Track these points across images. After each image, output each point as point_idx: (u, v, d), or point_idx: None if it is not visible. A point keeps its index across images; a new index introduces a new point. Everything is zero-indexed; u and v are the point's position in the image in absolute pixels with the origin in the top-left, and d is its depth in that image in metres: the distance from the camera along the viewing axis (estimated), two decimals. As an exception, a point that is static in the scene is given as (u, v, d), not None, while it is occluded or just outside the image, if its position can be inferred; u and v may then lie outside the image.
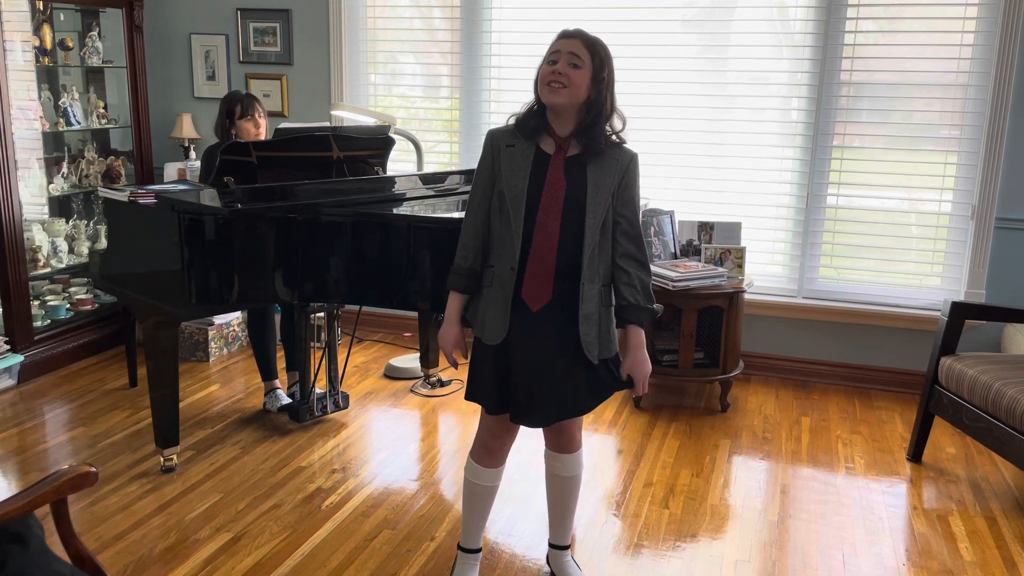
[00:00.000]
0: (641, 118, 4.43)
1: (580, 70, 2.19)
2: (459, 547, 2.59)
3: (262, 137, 3.75)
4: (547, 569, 2.69)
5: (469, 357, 2.39)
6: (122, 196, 3.20)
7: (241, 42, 4.95)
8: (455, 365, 2.39)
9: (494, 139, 2.30)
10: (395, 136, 3.81)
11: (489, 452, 2.44)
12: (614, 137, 2.28)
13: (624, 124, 2.29)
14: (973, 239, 4.07)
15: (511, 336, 2.26)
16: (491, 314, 2.27)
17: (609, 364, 2.33)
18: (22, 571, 1.65)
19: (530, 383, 2.27)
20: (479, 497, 2.50)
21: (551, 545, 2.63)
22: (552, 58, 2.22)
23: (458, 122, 4.79)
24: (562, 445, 2.47)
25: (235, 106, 3.69)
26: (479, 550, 2.60)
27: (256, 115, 3.71)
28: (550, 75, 2.19)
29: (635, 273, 2.29)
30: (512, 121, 2.31)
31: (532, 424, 2.34)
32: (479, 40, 4.64)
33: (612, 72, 2.24)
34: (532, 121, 2.26)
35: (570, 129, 2.25)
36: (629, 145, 2.32)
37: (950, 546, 2.89)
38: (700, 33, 4.40)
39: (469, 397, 2.38)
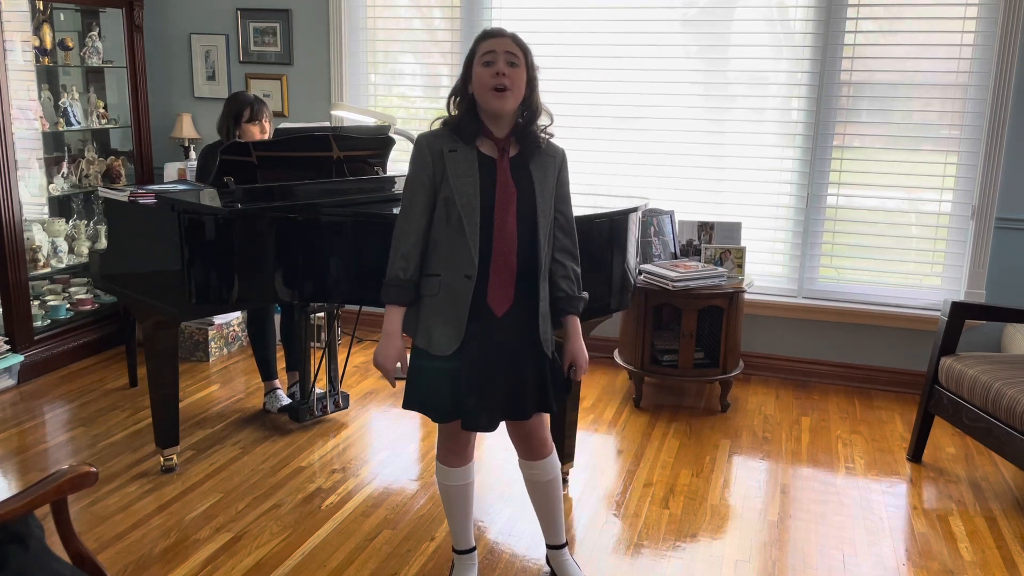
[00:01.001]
0: (641, 118, 4.44)
1: (518, 68, 2.19)
2: (453, 550, 2.60)
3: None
4: (547, 569, 2.69)
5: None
6: (122, 196, 3.19)
7: (241, 42, 4.95)
8: (393, 383, 2.36)
9: (431, 144, 2.24)
10: (395, 136, 3.81)
11: (452, 452, 2.44)
12: (544, 134, 2.30)
13: (552, 120, 2.31)
14: (973, 239, 4.07)
15: (467, 343, 2.23)
16: (438, 324, 2.24)
17: (555, 356, 2.38)
18: (22, 571, 1.65)
19: (485, 387, 2.26)
20: (457, 497, 2.50)
21: (548, 546, 2.63)
22: (487, 59, 2.18)
23: (458, 122, 4.78)
24: (534, 451, 2.46)
25: (243, 109, 3.66)
26: (473, 548, 2.60)
27: (263, 119, 3.70)
28: (493, 78, 2.16)
29: (570, 265, 2.36)
30: (438, 124, 2.28)
31: (486, 428, 2.31)
32: (479, 40, 4.63)
33: (537, 67, 2.26)
34: (470, 125, 2.23)
35: (507, 130, 2.26)
36: (626, 137, 2.34)
37: (950, 546, 2.89)
38: (700, 33, 4.40)
39: (409, 407, 2.36)
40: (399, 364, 2.30)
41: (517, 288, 2.26)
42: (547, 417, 2.47)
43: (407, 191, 2.27)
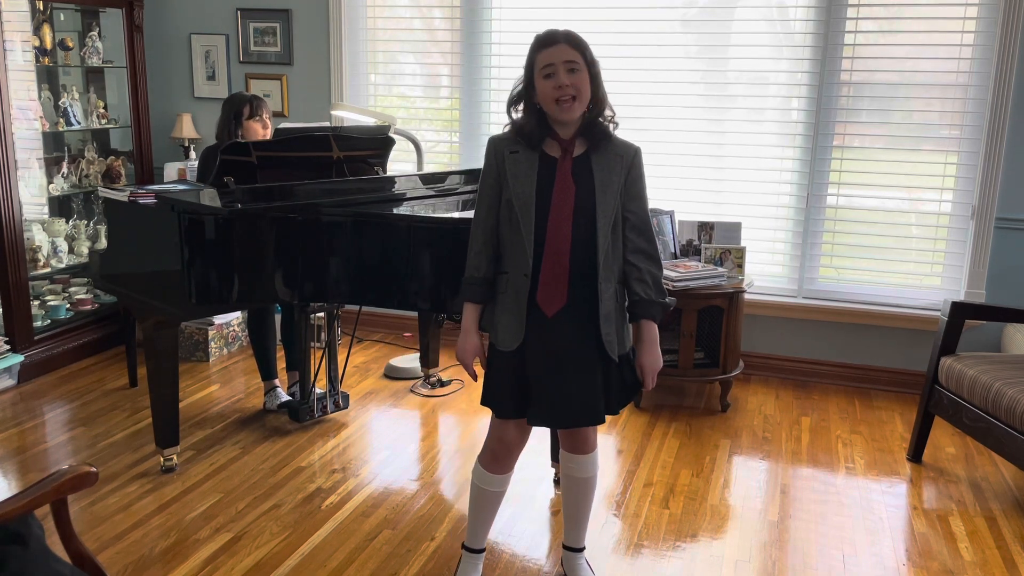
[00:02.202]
0: (641, 118, 4.43)
1: (579, 73, 2.19)
2: (464, 546, 2.59)
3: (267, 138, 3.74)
4: (547, 569, 2.69)
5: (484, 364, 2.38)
6: (122, 196, 3.19)
7: (241, 42, 4.95)
8: (475, 377, 2.37)
9: (496, 146, 2.28)
10: (395, 136, 3.81)
11: (497, 459, 2.43)
12: (610, 125, 2.28)
13: (613, 112, 2.30)
14: (973, 239, 4.07)
15: (527, 341, 2.25)
16: (505, 320, 2.27)
17: (627, 361, 2.35)
18: (22, 571, 1.65)
19: (548, 385, 2.26)
20: (486, 502, 2.50)
21: (565, 547, 2.62)
22: (547, 71, 2.18)
23: (458, 122, 4.79)
24: (577, 446, 2.46)
25: (243, 106, 3.66)
26: (483, 550, 2.60)
27: (264, 115, 3.70)
28: (557, 91, 2.17)
29: (646, 268, 2.30)
30: (508, 129, 2.29)
31: (548, 424, 2.35)
32: (479, 40, 4.64)
33: (596, 60, 2.25)
34: (533, 130, 2.24)
35: (574, 130, 2.25)
36: (626, 137, 2.32)
37: (950, 546, 2.89)
38: (700, 33, 4.40)
39: (484, 402, 2.38)
40: (477, 358, 2.33)
41: (571, 289, 2.24)
42: None
43: (478, 192, 2.33)
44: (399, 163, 4.50)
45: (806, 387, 4.34)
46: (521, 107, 2.27)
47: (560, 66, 2.17)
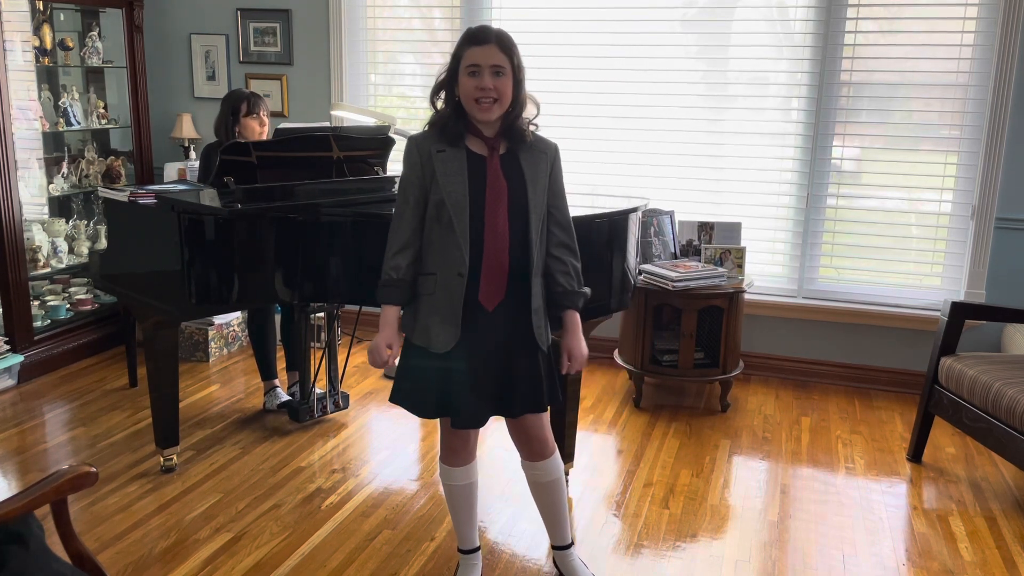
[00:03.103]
0: (641, 118, 4.44)
1: (503, 78, 2.20)
2: (458, 550, 2.60)
3: (265, 137, 3.75)
4: (547, 569, 2.69)
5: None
6: (122, 196, 3.19)
7: (241, 42, 4.95)
8: (392, 374, 2.33)
9: (420, 146, 2.26)
10: (395, 136, 3.81)
11: (455, 451, 2.44)
12: (531, 126, 2.30)
13: (539, 110, 2.31)
14: (973, 239, 4.07)
15: (462, 341, 2.25)
16: (435, 321, 2.26)
17: (551, 350, 2.39)
18: (22, 571, 1.65)
19: (478, 383, 2.28)
20: (460, 497, 2.50)
21: (554, 547, 2.62)
22: (472, 70, 2.18)
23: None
24: (536, 452, 2.46)
25: (240, 103, 3.67)
26: (478, 548, 2.61)
27: (261, 113, 3.71)
28: (478, 91, 2.17)
29: (569, 260, 2.36)
30: (426, 127, 2.29)
31: (475, 425, 2.34)
32: (479, 40, 4.63)
33: (522, 64, 2.25)
34: (455, 127, 2.24)
35: (496, 129, 2.26)
36: (626, 137, 2.34)
37: (950, 546, 2.89)
38: (700, 33, 4.40)
39: (397, 401, 2.37)
40: (391, 347, 2.27)
41: (509, 284, 2.27)
42: (546, 417, 2.46)
43: (399, 193, 2.31)
44: (399, 163, 4.49)
45: (806, 387, 4.34)
46: (443, 96, 2.28)
47: (486, 68, 2.18)
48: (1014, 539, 2.94)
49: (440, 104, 2.29)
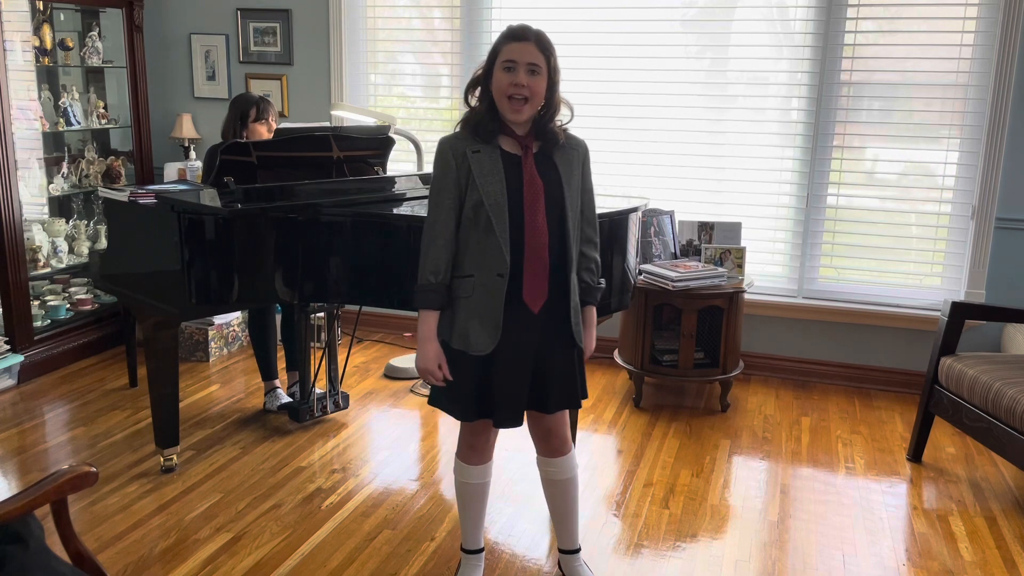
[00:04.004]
0: (641, 118, 4.44)
1: (538, 77, 2.19)
2: (462, 549, 2.59)
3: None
4: (548, 569, 2.69)
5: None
6: (122, 196, 3.20)
7: (241, 42, 4.95)
8: (445, 382, 2.30)
9: (453, 146, 2.24)
10: (395, 136, 3.81)
11: (474, 449, 2.44)
12: (563, 127, 2.30)
13: (572, 114, 2.32)
14: (973, 239, 4.07)
15: (503, 342, 2.24)
16: (474, 324, 2.24)
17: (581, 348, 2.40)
18: (22, 571, 1.65)
19: (519, 384, 2.28)
20: (472, 496, 2.50)
21: (561, 551, 2.61)
22: (508, 65, 2.18)
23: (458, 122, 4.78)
24: (554, 449, 2.45)
25: (250, 108, 3.66)
26: (482, 549, 2.60)
27: (270, 118, 3.71)
28: (512, 87, 2.16)
29: (592, 256, 2.39)
30: (459, 128, 2.28)
31: (517, 424, 2.33)
32: (479, 40, 4.64)
33: (559, 67, 2.25)
34: (488, 125, 2.23)
35: (527, 128, 2.26)
36: (627, 137, 2.35)
37: (950, 546, 2.89)
38: (700, 33, 4.40)
39: (436, 404, 2.38)
40: (440, 365, 2.28)
41: (551, 283, 2.26)
42: (567, 414, 2.46)
43: (433, 196, 2.26)
44: (399, 163, 4.50)
45: (806, 387, 4.34)
46: (478, 93, 2.27)
47: (522, 65, 2.17)
48: (1014, 539, 2.94)
49: (474, 101, 2.28)
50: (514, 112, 2.19)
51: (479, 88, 2.26)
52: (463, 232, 2.25)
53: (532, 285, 2.24)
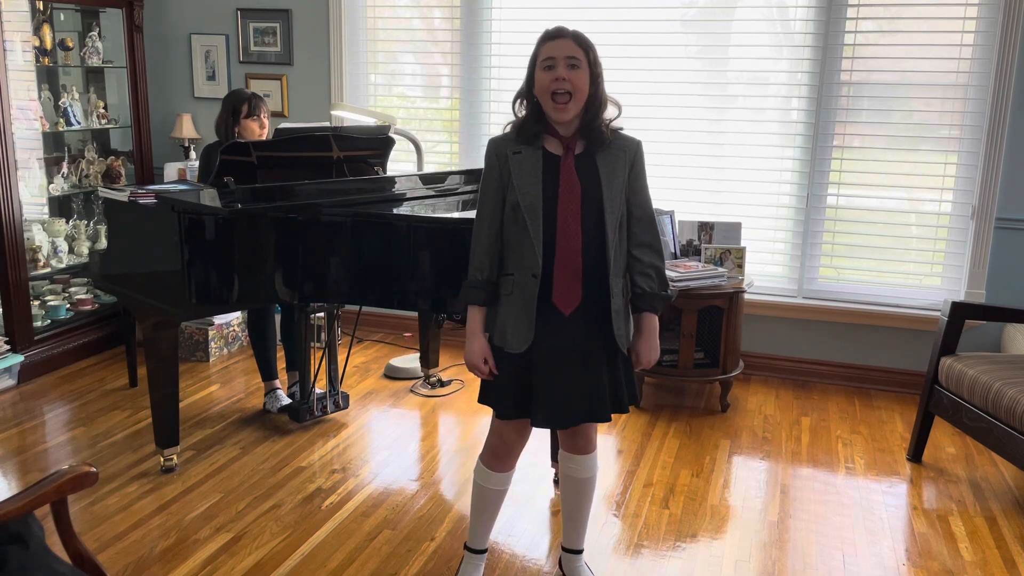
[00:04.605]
0: (641, 118, 4.43)
1: (579, 71, 2.19)
2: (466, 547, 2.59)
3: (264, 138, 3.75)
4: (548, 569, 2.69)
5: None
6: (122, 196, 3.20)
7: (241, 42, 4.95)
8: (491, 376, 2.31)
9: (498, 148, 2.26)
10: (395, 136, 3.81)
11: (498, 456, 2.43)
12: (612, 125, 2.29)
13: (620, 111, 2.30)
14: (973, 239, 4.07)
15: (537, 342, 2.24)
16: (512, 322, 2.25)
17: (628, 354, 2.36)
18: (22, 571, 1.65)
19: (560, 383, 2.26)
20: (488, 500, 2.50)
21: (564, 549, 2.61)
22: (547, 63, 2.18)
23: (458, 122, 4.79)
24: (579, 446, 2.46)
25: (241, 104, 3.66)
26: (485, 551, 2.60)
27: (262, 115, 3.70)
28: (553, 83, 2.16)
29: (649, 261, 2.32)
30: (508, 129, 2.29)
31: (555, 424, 2.34)
32: (479, 40, 4.64)
33: (600, 62, 2.24)
34: (533, 127, 2.24)
35: (574, 128, 2.25)
36: (630, 133, 2.32)
37: (950, 546, 2.89)
38: (700, 33, 4.40)
39: (483, 401, 2.37)
40: (486, 359, 2.28)
41: (585, 286, 2.24)
42: None
43: (480, 194, 2.31)
44: (399, 163, 4.50)
45: (806, 387, 4.34)
46: (524, 104, 2.28)
47: (561, 60, 2.18)
48: (1014, 539, 2.94)
49: (521, 111, 2.28)
50: (559, 111, 2.18)
51: (524, 99, 2.26)
52: (506, 232, 2.27)
53: (562, 287, 2.23)
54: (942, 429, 3.72)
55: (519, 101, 2.28)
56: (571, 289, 2.23)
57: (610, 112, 2.28)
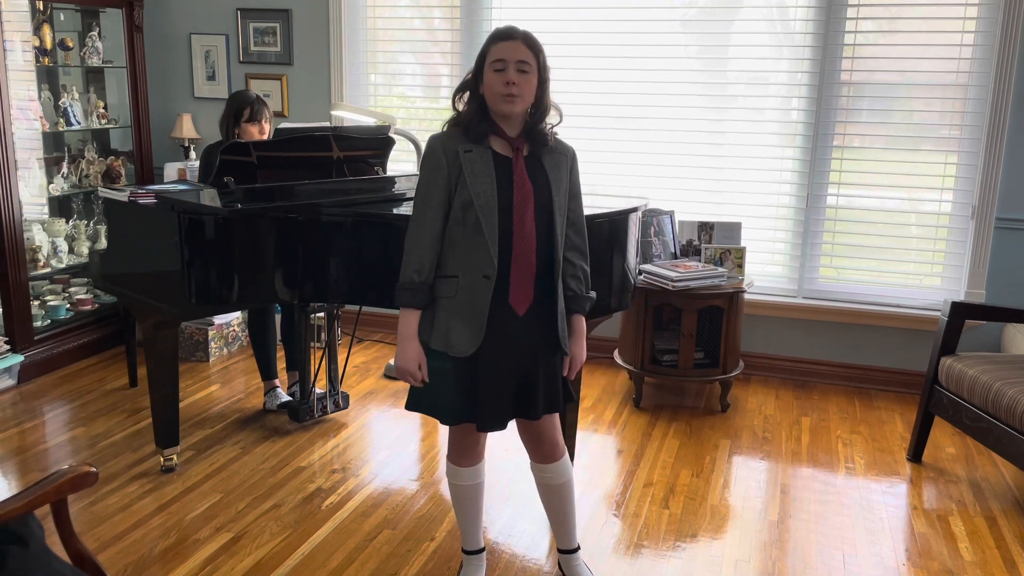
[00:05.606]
0: (641, 118, 4.44)
1: (528, 75, 2.19)
2: (463, 550, 2.60)
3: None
4: (548, 569, 2.69)
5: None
6: (122, 196, 3.19)
7: (241, 42, 4.95)
8: (423, 383, 2.28)
9: (445, 145, 2.22)
10: (395, 136, 3.81)
11: (464, 452, 2.44)
12: (552, 131, 2.30)
13: (561, 118, 2.31)
14: (973, 239, 4.07)
15: (486, 344, 2.22)
16: (456, 325, 2.22)
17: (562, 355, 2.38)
18: (22, 571, 1.65)
19: (505, 387, 2.26)
20: (467, 497, 2.50)
21: (560, 551, 2.61)
22: (497, 66, 2.18)
23: (458, 122, 4.78)
24: (546, 454, 2.45)
25: (244, 108, 3.66)
26: (482, 549, 2.60)
27: (263, 121, 3.70)
28: (503, 86, 2.16)
29: (579, 264, 2.36)
30: (447, 127, 2.27)
31: (501, 427, 2.32)
32: (479, 40, 4.62)
33: (548, 66, 2.25)
34: (480, 125, 2.22)
35: (519, 129, 2.26)
36: (627, 137, 2.35)
37: (950, 546, 2.89)
38: (700, 33, 4.40)
39: (416, 409, 2.36)
40: (420, 366, 2.26)
41: (537, 286, 2.26)
42: (558, 419, 2.45)
43: (420, 193, 2.25)
44: (399, 163, 4.50)
45: (806, 387, 4.34)
46: (466, 96, 2.26)
47: (511, 63, 2.17)
48: (1014, 539, 2.94)
49: (462, 105, 2.27)
50: (508, 105, 2.17)
51: (467, 92, 2.26)
52: (449, 232, 2.23)
53: (518, 287, 2.23)
54: (942, 429, 3.72)
55: (460, 95, 2.27)
56: (526, 290, 2.24)
57: (552, 118, 2.29)
